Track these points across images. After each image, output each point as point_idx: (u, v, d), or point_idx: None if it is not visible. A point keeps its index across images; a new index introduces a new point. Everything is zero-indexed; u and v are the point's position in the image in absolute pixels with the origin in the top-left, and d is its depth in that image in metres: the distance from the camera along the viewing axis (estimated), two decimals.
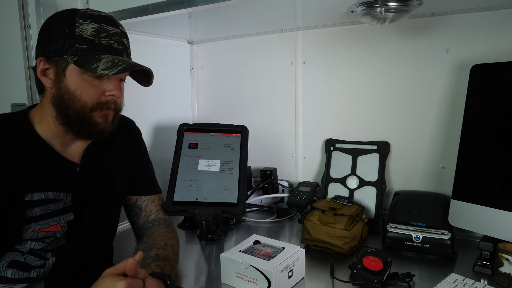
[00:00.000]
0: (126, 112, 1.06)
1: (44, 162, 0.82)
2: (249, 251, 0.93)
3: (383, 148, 1.25)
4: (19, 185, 0.78)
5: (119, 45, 0.83)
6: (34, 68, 0.83)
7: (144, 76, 0.91)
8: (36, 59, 0.83)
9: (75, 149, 0.89)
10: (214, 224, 1.18)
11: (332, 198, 1.19)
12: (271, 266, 0.83)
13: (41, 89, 0.84)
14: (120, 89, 0.85)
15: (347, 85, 1.32)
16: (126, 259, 0.68)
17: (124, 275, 0.67)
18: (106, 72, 0.77)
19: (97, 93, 0.81)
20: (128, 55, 0.87)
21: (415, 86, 1.21)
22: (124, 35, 0.85)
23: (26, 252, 0.81)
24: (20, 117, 0.84)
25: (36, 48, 0.83)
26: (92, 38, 0.79)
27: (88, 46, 0.79)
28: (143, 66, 0.84)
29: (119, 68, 0.78)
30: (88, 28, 0.79)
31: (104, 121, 0.84)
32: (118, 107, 0.87)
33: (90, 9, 0.84)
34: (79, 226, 0.88)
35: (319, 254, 1.05)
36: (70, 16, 0.80)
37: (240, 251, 0.92)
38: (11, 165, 0.77)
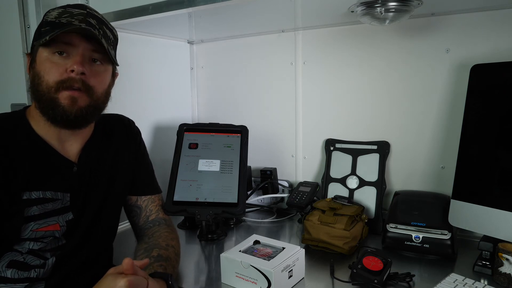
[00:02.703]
0: (126, 112, 1.06)
1: (41, 160, 0.82)
2: (249, 251, 0.93)
3: (383, 148, 1.25)
4: (17, 183, 0.78)
5: (81, 23, 0.80)
6: None
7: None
8: None
9: (71, 147, 0.88)
10: (214, 224, 1.18)
11: (332, 198, 1.19)
12: (271, 266, 0.83)
13: None
14: (81, 64, 0.79)
15: (347, 85, 1.32)
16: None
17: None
18: (44, 38, 0.76)
19: (59, 71, 0.78)
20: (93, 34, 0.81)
21: (415, 86, 1.21)
22: (91, 16, 0.82)
23: (25, 252, 0.81)
24: (18, 116, 0.84)
25: None
26: (54, 20, 0.80)
27: (49, 27, 0.79)
28: (80, 26, 0.79)
29: (58, 32, 0.76)
30: (53, 13, 0.81)
31: (69, 103, 0.79)
32: (87, 88, 0.81)
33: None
34: (79, 226, 0.88)
35: (319, 254, 1.05)
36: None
37: (240, 251, 0.92)
38: (9, 163, 0.77)
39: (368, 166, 1.26)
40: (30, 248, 0.81)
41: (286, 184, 1.44)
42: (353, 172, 1.28)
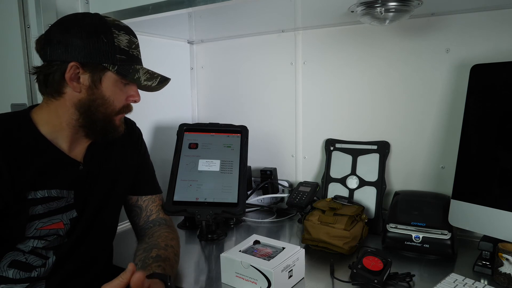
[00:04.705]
0: None
1: (47, 160, 0.82)
2: (249, 251, 0.93)
3: (383, 148, 1.25)
4: (22, 183, 0.78)
5: (140, 56, 0.90)
6: (43, 70, 0.81)
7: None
8: (42, 62, 0.82)
9: (78, 148, 0.89)
10: (214, 224, 1.18)
11: (332, 198, 1.19)
12: (271, 266, 0.84)
13: (58, 91, 0.82)
14: (139, 94, 0.91)
15: (347, 85, 1.32)
16: (124, 272, 0.69)
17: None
18: (149, 83, 0.87)
19: (123, 98, 0.88)
20: None
21: (415, 86, 1.21)
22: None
23: (28, 252, 0.81)
24: (22, 117, 0.84)
25: (56, 51, 0.79)
26: (127, 49, 0.85)
27: (125, 57, 0.84)
28: (168, 78, 0.92)
29: (158, 80, 0.89)
30: (123, 40, 0.84)
31: (120, 124, 0.91)
32: (131, 110, 0.93)
33: (113, 18, 0.86)
34: (80, 224, 0.88)
35: (319, 254, 1.05)
36: (104, 25, 0.82)
37: (240, 251, 0.92)
38: (14, 164, 0.77)
39: (368, 166, 1.26)
40: (33, 247, 0.81)
41: (286, 184, 1.44)
42: (353, 172, 1.28)
